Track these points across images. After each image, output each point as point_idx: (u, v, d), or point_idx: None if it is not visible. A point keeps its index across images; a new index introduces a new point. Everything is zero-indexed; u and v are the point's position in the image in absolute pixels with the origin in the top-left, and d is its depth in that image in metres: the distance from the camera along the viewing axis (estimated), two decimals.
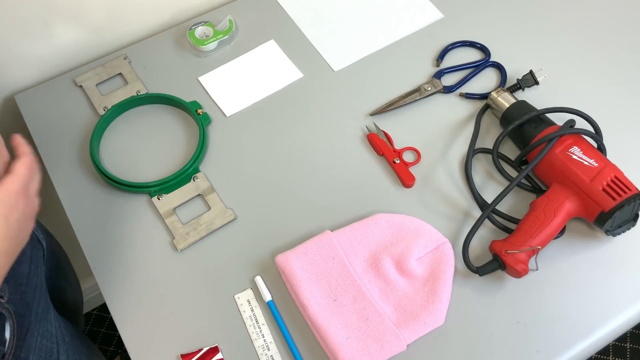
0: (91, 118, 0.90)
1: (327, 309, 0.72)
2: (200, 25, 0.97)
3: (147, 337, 0.73)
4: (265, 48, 0.97)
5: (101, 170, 0.83)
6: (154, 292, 0.76)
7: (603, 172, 0.75)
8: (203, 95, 0.92)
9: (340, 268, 0.75)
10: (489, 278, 0.76)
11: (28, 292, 0.71)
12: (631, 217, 0.76)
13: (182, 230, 0.80)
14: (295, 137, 0.88)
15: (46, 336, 0.74)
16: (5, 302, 0.66)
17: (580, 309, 0.74)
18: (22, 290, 0.70)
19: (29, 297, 0.71)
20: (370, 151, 0.87)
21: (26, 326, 0.69)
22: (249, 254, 0.79)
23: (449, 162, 0.85)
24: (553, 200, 0.76)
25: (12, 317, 0.66)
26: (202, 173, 0.85)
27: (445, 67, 0.94)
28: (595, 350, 0.73)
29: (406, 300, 0.73)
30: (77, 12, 0.92)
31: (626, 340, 1.52)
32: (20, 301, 0.69)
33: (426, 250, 0.75)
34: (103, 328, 1.57)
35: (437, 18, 0.99)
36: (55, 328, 0.77)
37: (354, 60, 0.95)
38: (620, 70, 0.93)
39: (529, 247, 0.73)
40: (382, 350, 0.69)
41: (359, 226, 0.78)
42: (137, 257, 0.79)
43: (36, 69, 0.95)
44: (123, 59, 0.96)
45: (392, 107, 0.89)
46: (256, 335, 0.73)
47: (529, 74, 0.89)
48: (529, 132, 0.82)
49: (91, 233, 0.81)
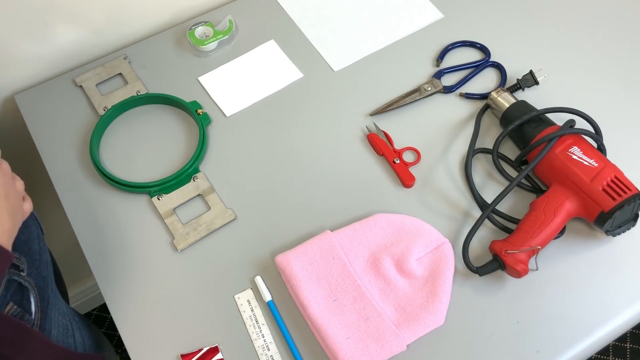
0: (91, 118, 0.90)
1: (327, 309, 0.72)
2: (200, 25, 0.97)
3: (147, 337, 0.73)
4: (265, 48, 0.97)
5: (101, 170, 0.83)
6: (154, 292, 0.76)
7: (603, 172, 0.75)
8: (203, 95, 0.92)
9: (340, 268, 0.75)
10: (489, 278, 0.76)
11: (42, 267, 0.73)
12: (631, 217, 0.76)
13: (182, 230, 0.80)
14: (295, 137, 0.88)
15: (61, 313, 0.76)
16: (27, 275, 0.68)
17: (580, 309, 0.74)
18: (37, 265, 0.72)
19: (44, 272, 0.74)
20: (370, 151, 0.87)
21: (46, 300, 0.72)
22: (249, 254, 0.79)
23: (449, 162, 0.85)
24: (553, 200, 0.76)
25: (34, 289, 0.69)
26: (202, 173, 0.85)
27: (445, 67, 0.94)
28: (595, 350, 0.73)
29: (406, 300, 0.73)
30: (77, 12, 0.92)
31: (626, 340, 1.52)
32: (38, 275, 0.71)
33: (426, 250, 0.75)
34: (103, 328, 1.57)
35: (437, 18, 0.99)
36: (65, 307, 0.80)
37: (354, 60, 0.95)
38: (620, 71, 0.93)
39: (529, 247, 0.73)
40: (382, 350, 0.69)
41: (359, 226, 0.78)
42: (137, 257, 0.79)
43: (36, 69, 0.95)
44: (123, 59, 0.96)
45: (392, 107, 0.89)
46: (256, 335, 0.73)
47: (529, 74, 0.89)
48: (529, 132, 0.82)
49: (91, 233, 0.81)
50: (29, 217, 0.75)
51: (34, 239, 0.74)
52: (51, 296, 0.74)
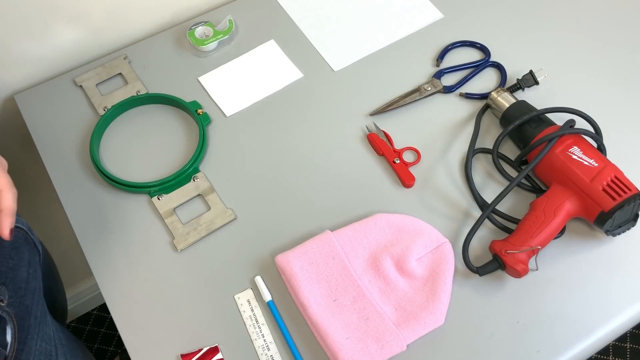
0: (91, 118, 0.90)
1: (327, 309, 0.72)
2: (200, 25, 0.97)
3: (147, 337, 0.73)
4: (265, 48, 0.97)
5: (101, 170, 0.83)
6: (154, 292, 0.76)
7: (603, 172, 0.75)
8: (203, 95, 0.92)
9: (340, 268, 0.75)
10: (489, 278, 0.76)
11: (27, 295, 0.71)
12: (631, 217, 0.76)
13: (182, 230, 0.80)
14: (295, 137, 0.88)
15: (45, 339, 0.74)
16: (6, 306, 0.66)
17: (580, 309, 0.74)
18: (21, 294, 0.70)
19: (28, 300, 0.71)
20: (370, 151, 0.87)
21: (26, 329, 0.70)
22: (249, 254, 0.79)
23: (449, 162, 0.85)
24: (553, 200, 0.76)
25: (13, 320, 0.67)
26: (202, 173, 0.85)
27: (445, 67, 0.94)
28: (595, 350, 0.73)
29: (406, 300, 0.73)
30: (77, 12, 0.92)
31: (626, 340, 1.52)
32: (20, 305, 0.69)
33: (426, 250, 0.75)
34: (103, 328, 1.57)
35: (437, 18, 0.99)
36: (53, 331, 0.78)
37: (354, 60, 0.95)
38: (620, 70, 0.93)
39: (529, 247, 0.73)
40: (382, 350, 0.69)
41: (359, 226, 0.78)
42: (137, 257, 0.79)
43: (36, 69, 0.95)
44: (123, 59, 0.96)
45: (392, 107, 0.89)
46: (256, 335, 0.73)
47: (529, 74, 0.89)
48: (529, 132, 0.82)
49: (91, 233, 0.81)
50: (22, 241, 0.72)
51: (23, 265, 0.72)
52: (33, 325, 0.71)
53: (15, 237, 0.71)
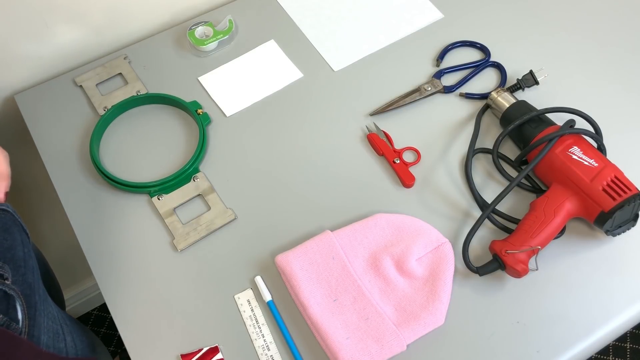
0: (91, 118, 0.90)
1: (327, 309, 0.72)
2: (200, 25, 0.97)
3: (147, 337, 0.73)
4: (265, 48, 0.97)
5: (101, 170, 0.83)
6: (154, 292, 0.76)
7: (603, 172, 0.75)
8: (203, 95, 0.92)
9: (340, 268, 0.75)
10: (489, 278, 0.76)
11: (27, 274, 0.72)
12: (631, 217, 0.76)
13: (182, 230, 0.80)
14: (295, 137, 0.88)
15: (50, 318, 0.75)
16: (11, 283, 0.67)
17: (580, 309, 0.74)
18: (22, 272, 0.71)
19: (30, 278, 0.73)
20: (370, 151, 0.87)
21: (33, 306, 0.71)
22: (249, 254, 0.79)
23: (449, 162, 0.85)
24: (553, 200, 0.76)
25: (20, 297, 0.68)
26: (202, 173, 0.85)
27: (445, 67, 0.94)
28: (595, 350, 0.73)
29: (406, 300, 0.73)
30: (77, 12, 0.92)
31: (626, 340, 1.52)
32: (24, 282, 0.71)
33: (426, 250, 0.75)
34: (103, 328, 1.57)
35: (437, 18, 0.99)
36: (56, 311, 0.79)
37: (354, 60, 0.95)
38: (620, 70, 0.93)
39: (529, 247, 0.73)
40: (382, 350, 0.69)
41: (359, 226, 0.78)
42: (137, 257, 0.79)
43: (36, 69, 0.95)
44: (123, 59, 0.96)
45: (392, 107, 0.89)
46: (256, 335, 0.73)
47: (529, 74, 0.89)
48: (529, 132, 0.82)
49: (91, 233, 0.81)
50: (11, 222, 0.73)
51: (17, 245, 0.73)
52: (39, 302, 0.73)
53: (4, 219, 0.71)
